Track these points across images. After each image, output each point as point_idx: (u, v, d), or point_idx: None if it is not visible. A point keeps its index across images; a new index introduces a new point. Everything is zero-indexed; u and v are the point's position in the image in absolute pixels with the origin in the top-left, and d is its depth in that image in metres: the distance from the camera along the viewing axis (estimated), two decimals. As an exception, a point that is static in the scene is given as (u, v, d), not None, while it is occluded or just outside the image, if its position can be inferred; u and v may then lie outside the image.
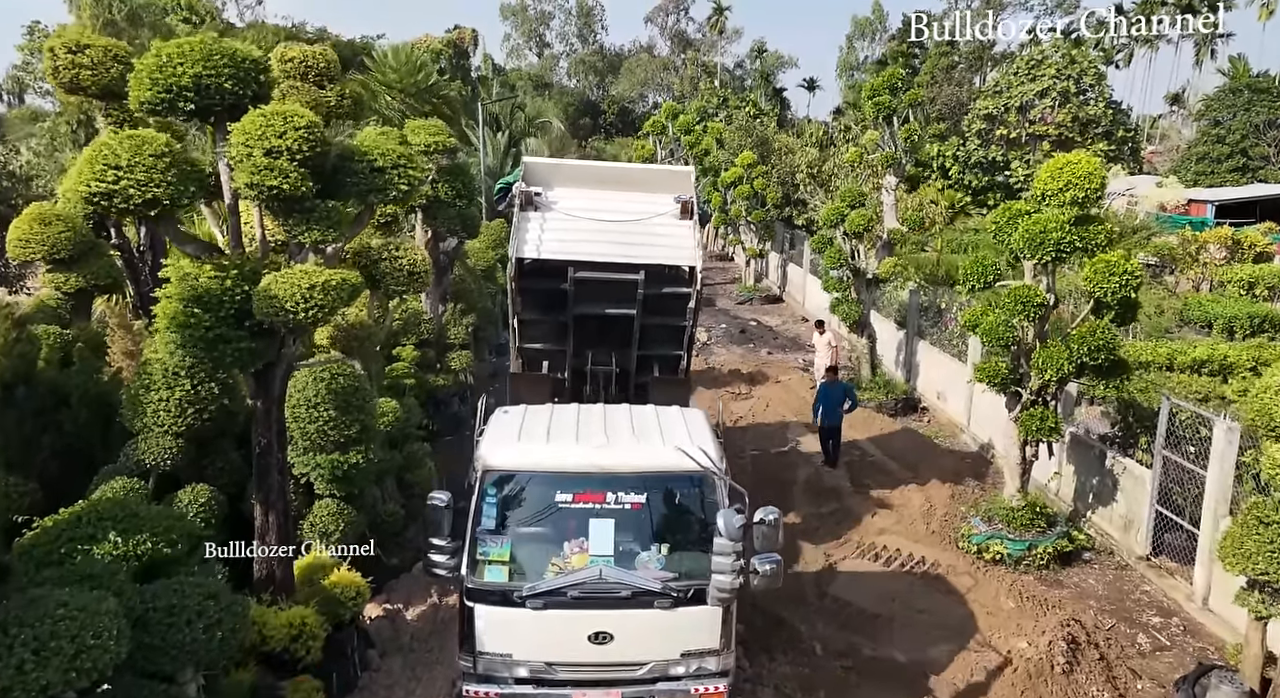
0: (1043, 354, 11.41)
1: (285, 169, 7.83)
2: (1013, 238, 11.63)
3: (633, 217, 10.64)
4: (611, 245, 10.37)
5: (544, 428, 8.03)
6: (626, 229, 10.52)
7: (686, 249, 10.69)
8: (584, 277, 10.37)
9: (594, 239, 10.45)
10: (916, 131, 18.91)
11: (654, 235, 10.63)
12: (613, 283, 10.48)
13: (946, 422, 18.59)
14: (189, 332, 7.81)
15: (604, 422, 8.12)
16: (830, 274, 19.50)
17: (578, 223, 10.53)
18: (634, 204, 10.81)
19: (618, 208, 10.70)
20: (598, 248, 10.35)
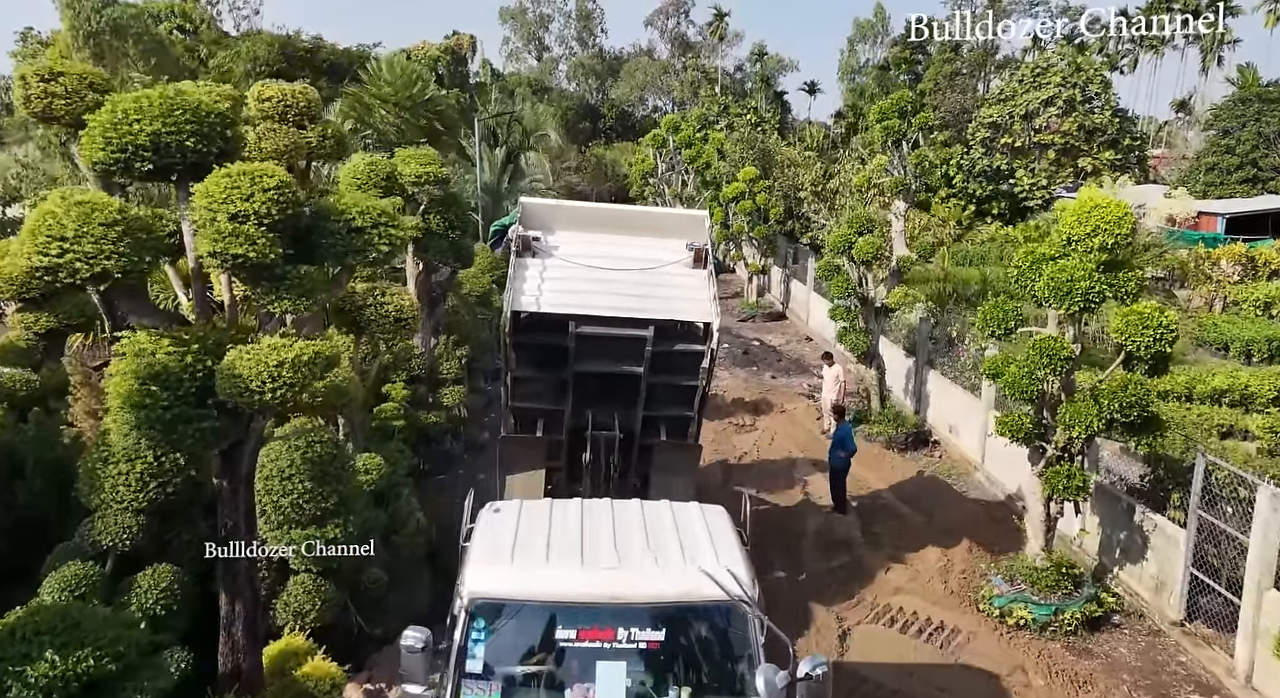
0: (1070, 410, 10.70)
1: (252, 235, 7.12)
2: (1036, 286, 10.91)
3: (641, 265, 9.73)
4: (618, 297, 9.48)
5: (542, 540, 6.95)
6: (634, 280, 9.62)
7: (701, 302, 9.75)
8: (587, 332, 9.47)
9: (598, 290, 9.54)
10: (927, 157, 18.18)
11: (665, 286, 9.73)
12: (618, 339, 9.63)
13: (959, 458, 17.87)
14: (144, 412, 7.10)
15: (613, 532, 7.07)
16: (838, 304, 18.78)
17: (580, 272, 9.63)
18: (642, 251, 9.92)
19: (624, 255, 9.80)
20: (602, 300, 9.45)
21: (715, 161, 35.05)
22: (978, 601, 11.85)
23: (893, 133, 17.91)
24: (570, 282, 9.60)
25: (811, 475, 16.72)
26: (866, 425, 18.83)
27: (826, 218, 31.26)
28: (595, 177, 61.73)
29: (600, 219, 10.56)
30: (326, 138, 10.81)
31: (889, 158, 18.29)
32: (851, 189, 29.18)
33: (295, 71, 45.35)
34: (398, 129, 31.38)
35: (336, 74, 45.60)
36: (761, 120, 59.15)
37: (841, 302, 18.64)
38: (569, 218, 10.27)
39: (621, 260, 9.74)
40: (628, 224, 10.44)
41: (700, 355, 9.96)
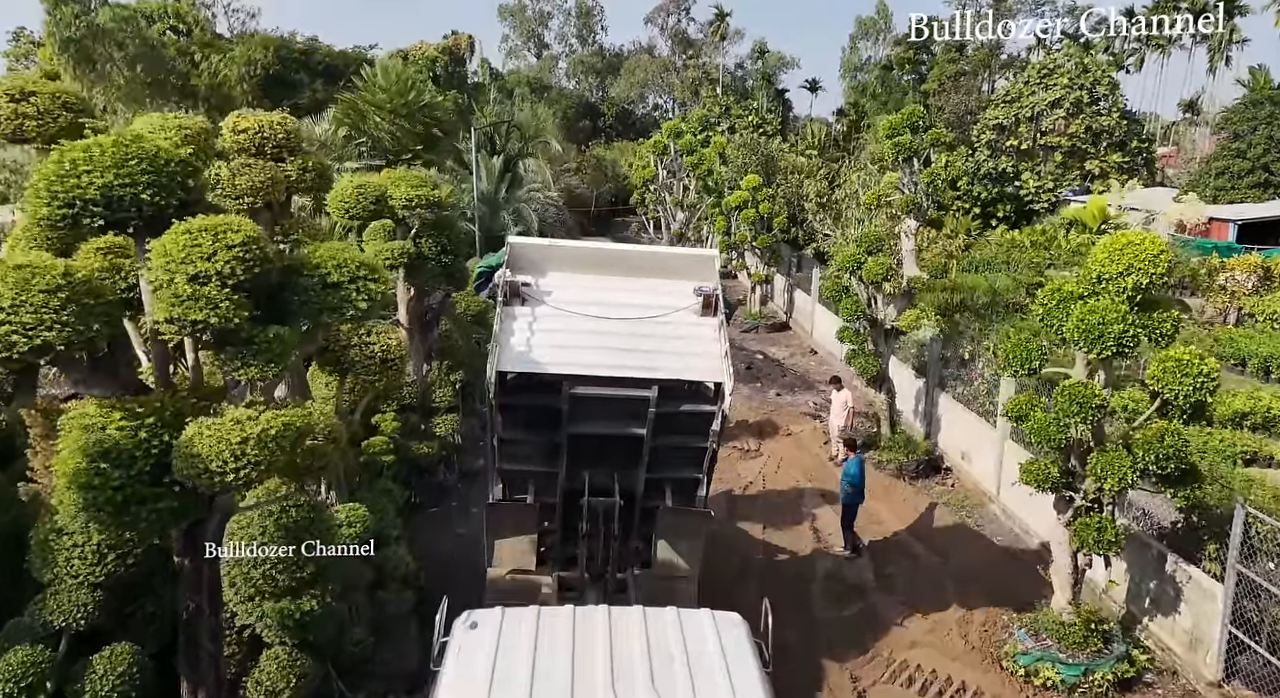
0: (1102, 460, 10.00)
1: (214, 298, 6.44)
2: (1065, 327, 10.20)
3: (643, 313, 8.89)
4: (617, 353, 8.61)
5: (525, 672, 6.08)
6: (636, 331, 8.77)
7: (711, 359, 8.79)
8: (583, 393, 8.62)
9: (595, 345, 8.65)
10: (940, 174, 17.46)
11: (670, 339, 8.82)
12: (618, 399, 8.79)
13: (972, 487, 17.18)
14: (92, 494, 6.43)
15: (609, 661, 6.21)
16: (846, 326, 18.08)
17: (575, 323, 8.75)
18: (645, 295, 9.03)
19: (625, 301, 8.95)
20: (600, 357, 8.57)
21: (717, 167, 34.34)
22: (1000, 657, 11.17)
23: (903, 149, 17.17)
24: (563, 335, 8.72)
25: (820, 509, 16.04)
26: (876, 452, 18.15)
27: (832, 228, 30.48)
28: (595, 178, 61.06)
29: (597, 259, 9.59)
30: (307, 171, 10.06)
31: (900, 175, 17.56)
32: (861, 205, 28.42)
33: (290, 74, 44.71)
34: (393, 136, 30.65)
35: (332, 76, 44.90)
36: (764, 121, 58.31)
37: (850, 324, 17.92)
38: (562, 259, 9.34)
39: (621, 307, 8.89)
40: (628, 265, 9.50)
41: (711, 416, 9.07)
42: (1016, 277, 31.82)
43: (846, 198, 30.28)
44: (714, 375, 8.79)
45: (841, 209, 30.41)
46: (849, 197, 30.27)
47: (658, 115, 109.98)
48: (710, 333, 8.96)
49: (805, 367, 27.22)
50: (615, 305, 8.90)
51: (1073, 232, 38.92)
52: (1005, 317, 27.25)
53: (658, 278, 9.30)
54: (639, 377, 8.58)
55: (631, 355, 8.62)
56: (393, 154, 30.90)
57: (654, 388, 8.57)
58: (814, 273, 29.60)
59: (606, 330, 8.75)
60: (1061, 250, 39.80)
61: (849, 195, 30.34)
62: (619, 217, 62.53)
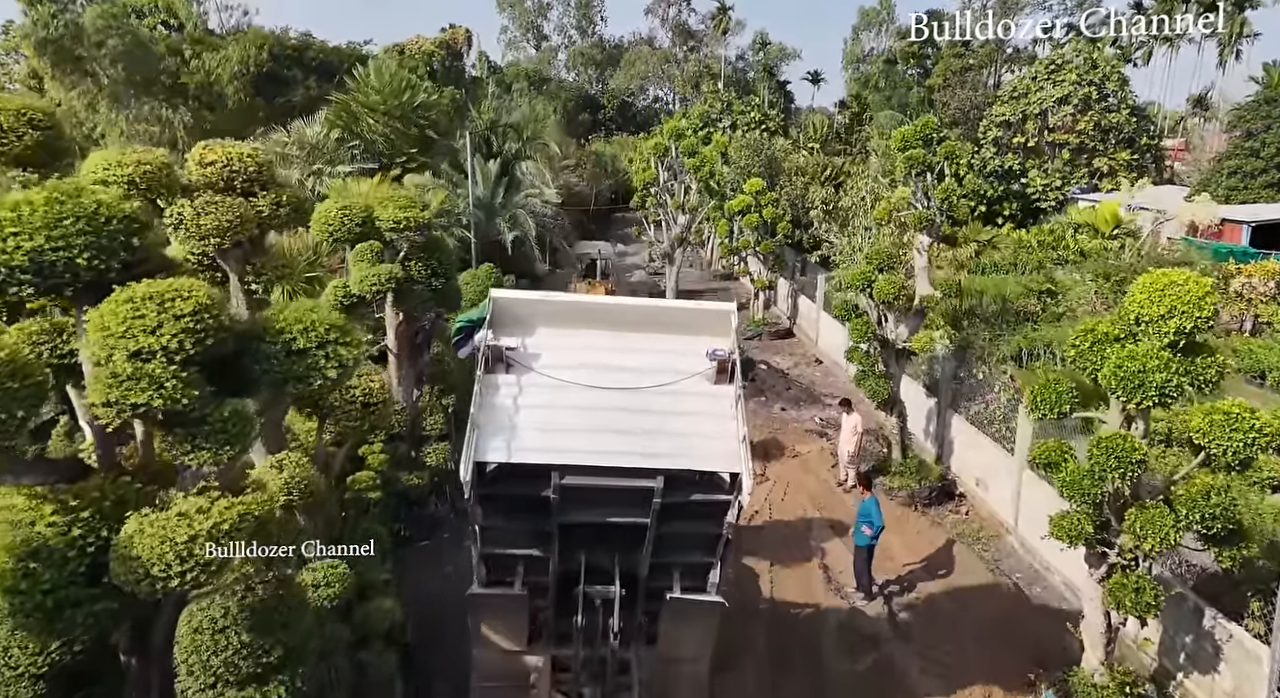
0: (1142, 517, 9.25)
1: (158, 377, 5.69)
2: (1101, 373, 9.43)
3: (647, 379, 7.76)
4: (616, 436, 7.43)
5: None
6: (638, 404, 7.65)
7: (726, 440, 7.53)
8: (575, 484, 7.38)
9: (590, 424, 7.48)
10: (954, 190, 16.63)
11: (678, 414, 7.66)
12: (617, 489, 7.53)
13: (988, 516, 16.43)
14: (21, 598, 5.70)
15: None
16: (856, 346, 17.30)
17: (566, 395, 7.60)
18: (649, 357, 7.92)
19: (625, 364, 7.85)
20: (595, 441, 7.36)
21: (719, 168, 33.48)
22: (1026, 721, 10.45)
23: (917, 163, 16.35)
24: (553, 412, 7.57)
25: (830, 542, 15.32)
26: (887, 478, 17.41)
27: (838, 236, 29.66)
28: (594, 174, 60.09)
29: (594, 315, 8.43)
30: (281, 206, 9.25)
31: (912, 189, 16.74)
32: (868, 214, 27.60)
33: (283, 71, 43.76)
34: (387, 138, 29.80)
35: (327, 73, 43.94)
36: (766, 117, 57.34)
37: (860, 345, 17.14)
38: (553, 315, 8.24)
39: (621, 374, 7.80)
40: (630, 320, 8.38)
41: (725, 505, 7.76)
42: (1025, 282, 30.96)
43: (854, 206, 29.40)
44: (728, 464, 7.50)
45: (848, 217, 29.54)
46: (856, 204, 29.40)
47: (658, 107, 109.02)
48: (725, 406, 7.80)
49: (811, 378, 26.44)
50: (614, 370, 7.82)
51: (1083, 234, 38.01)
52: (1016, 326, 26.48)
53: (665, 335, 8.21)
54: (640, 466, 7.37)
55: (632, 439, 7.47)
56: (387, 157, 30.08)
57: (658, 478, 7.38)
58: (819, 279, 28.80)
59: (603, 405, 7.62)
60: (1070, 251, 38.99)
61: (856, 203, 29.47)
62: (619, 213, 61.68)
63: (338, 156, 29.23)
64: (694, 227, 34.09)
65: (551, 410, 7.57)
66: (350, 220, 13.63)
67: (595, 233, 54.24)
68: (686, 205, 32.33)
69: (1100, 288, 28.86)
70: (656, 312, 8.90)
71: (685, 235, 33.18)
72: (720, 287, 39.74)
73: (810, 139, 60.34)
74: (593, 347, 7.98)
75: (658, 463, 7.32)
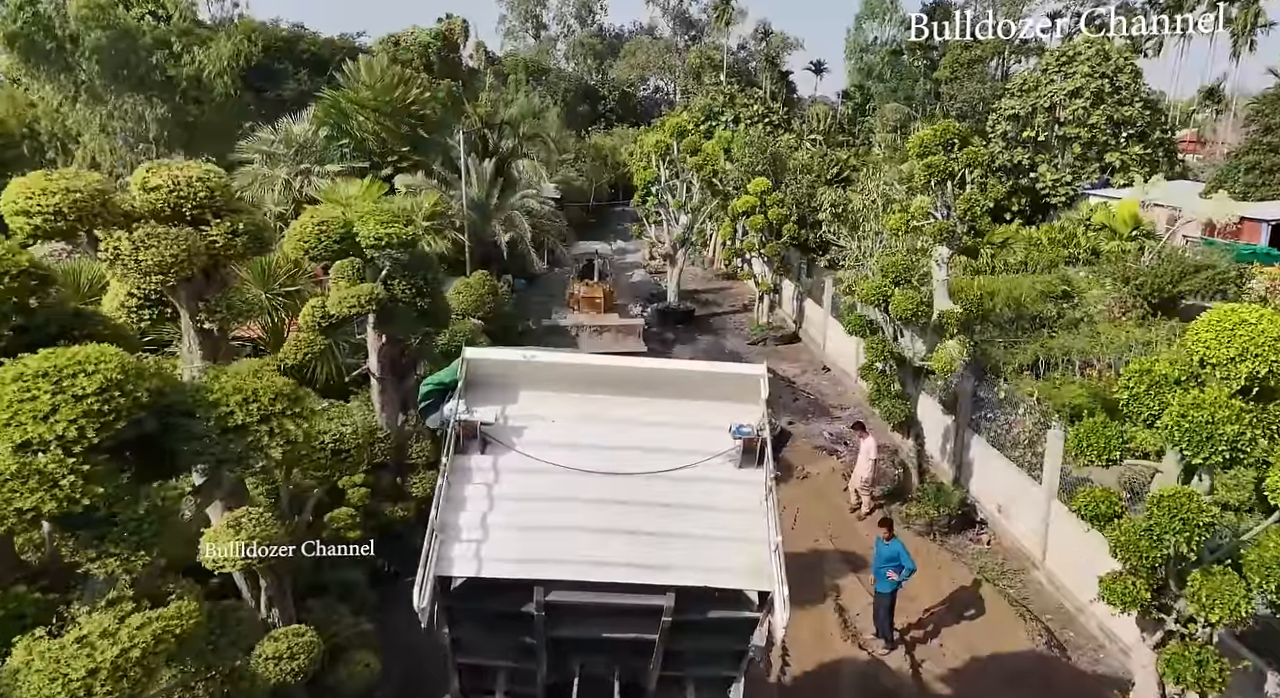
0: (1208, 585, 8.20)
1: (52, 474, 4.64)
2: (1161, 422, 8.38)
3: (656, 460, 6.39)
4: (616, 538, 6.08)
5: None
6: (644, 495, 6.28)
7: (753, 545, 6.13)
8: (564, 601, 6.08)
9: (584, 523, 6.13)
10: (977, 200, 15.54)
11: (693, 509, 6.26)
12: (617, 605, 6.25)
13: (1012, 547, 15.41)
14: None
15: None
16: (870, 364, 16.26)
17: (554, 483, 6.22)
18: (659, 432, 6.57)
19: (628, 440, 6.48)
20: (590, 546, 6.03)
21: (722, 165, 32.37)
22: (1069, 801, 9.45)
23: (937, 171, 15.26)
24: (538, 506, 6.21)
25: (844, 578, 14.32)
26: (904, 505, 16.42)
27: (847, 239, 28.55)
28: (594, 168, 58.89)
29: (591, 378, 6.90)
30: (238, 234, 8.16)
31: (932, 199, 15.66)
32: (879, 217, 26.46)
33: (273, 64, 42.59)
34: (377, 136, 28.65)
35: (318, 66, 42.77)
36: (769, 110, 56.10)
37: (876, 364, 16.09)
38: (540, 377, 6.80)
39: (623, 454, 6.37)
40: (635, 384, 6.88)
41: (752, 623, 6.38)
42: (1039, 284, 29.88)
43: (865, 208, 28.27)
44: (755, 580, 6.05)
45: (858, 220, 28.42)
46: (867, 207, 28.27)
47: (659, 99, 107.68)
48: (753, 498, 6.38)
49: (819, 387, 25.39)
50: (615, 450, 6.47)
51: (1100, 233, 36.92)
52: (1032, 333, 25.43)
53: (679, 404, 6.79)
54: (645, 582, 5.99)
55: (636, 544, 6.10)
56: (378, 156, 28.96)
57: (668, 594, 6.04)
58: (827, 283, 27.70)
59: (601, 496, 6.27)
60: (1082, 249, 37.91)
61: (867, 207, 28.34)
62: (619, 207, 60.52)
63: (326, 155, 28.12)
64: (696, 226, 33.04)
65: (536, 504, 6.26)
66: (328, 237, 12.56)
67: (595, 228, 53.14)
68: (689, 205, 31.28)
69: (1119, 291, 27.80)
70: (669, 374, 7.33)
71: (687, 235, 32.12)
72: (722, 287, 38.68)
73: (813, 131, 59.23)
74: (589, 417, 6.66)
75: (667, 578, 5.98)
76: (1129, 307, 27.28)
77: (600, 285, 29.81)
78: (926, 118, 56.94)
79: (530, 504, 6.25)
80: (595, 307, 29.19)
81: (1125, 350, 23.44)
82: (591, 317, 28.86)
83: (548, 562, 5.96)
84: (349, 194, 23.77)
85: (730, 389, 6.86)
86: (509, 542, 6.04)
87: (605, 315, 29.09)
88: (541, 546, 6.04)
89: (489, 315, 22.13)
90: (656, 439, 6.55)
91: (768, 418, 6.65)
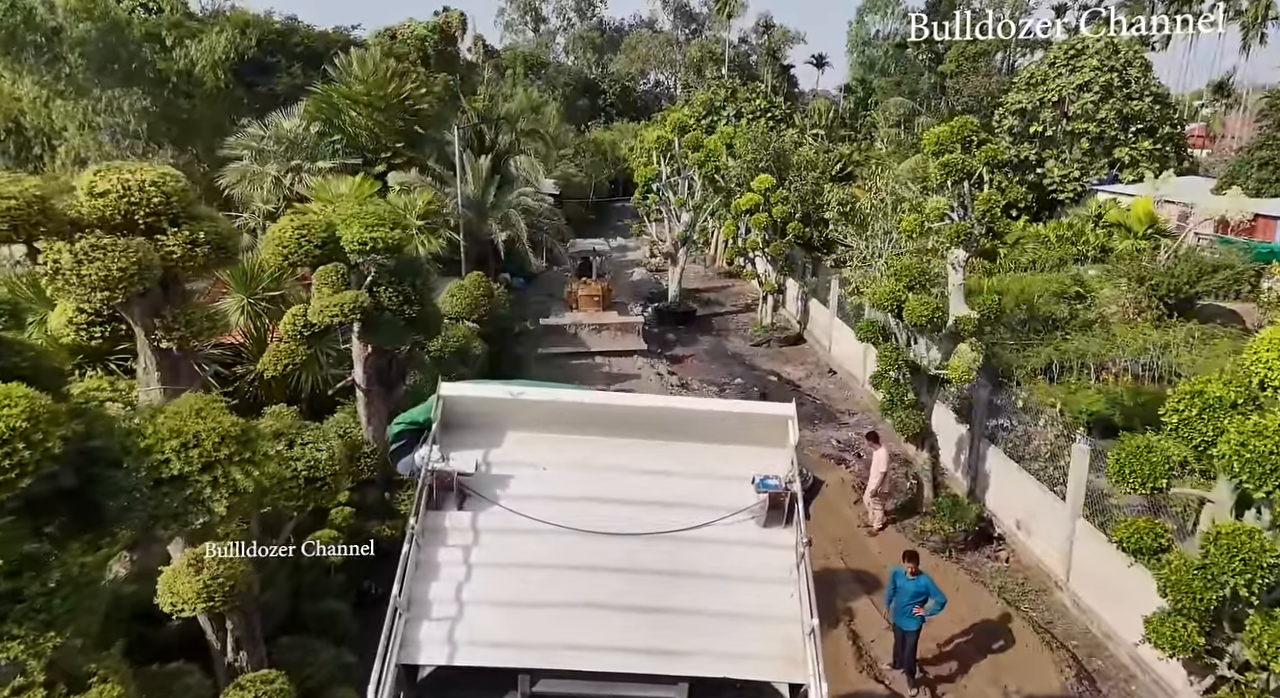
0: (1269, 631, 7.44)
1: (-62, 545, 3.84)
2: (1218, 450, 7.61)
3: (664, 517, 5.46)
4: (617, 616, 5.14)
5: None
6: (650, 560, 5.34)
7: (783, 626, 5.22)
8: (554, 693, 5.13)
9: (579, 597, 5.21)
10: (996, 200, 14.73)
11: (711, 581, 5.33)
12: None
13: (1033, 566, 14.65)
14: None
15: None
16: (882, 373, 15.47)
17: (544, 547, 5.30)
18: (667, 482, 5.68)
19: (631, 493, 5.60)
20: (586, 626, 5.10)
21: (725, 161, 31.55)
22: None
23: (954, 170, 14.45)
24: (525, 575, 5.27)
25: (857, 601, 13.57)
26: (919, 520, 15.69)
27: (854, 238, 27.75)
28: (594, 163, 58.01)
29: (587, 417, 5.99)
30: (199, 244, 7.35)
31: (949, 199, 14.85)
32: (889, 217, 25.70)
33: (266, 58, 41.68)
34: (370, 132, 27.80)
35: (312, 60, 41.84)
36: (772, 105, 55.22)
37: (890, 373, 15.30)
38: (528, 417, 5.88)
39: (626, 510, 5.47)
40: (640, 426, 5.94)
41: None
42: (1051, 283, 29.09)
43: (874, 207, 27.44)
44: (785, 670, 5.08)
45: (867, 220, 27.60)
46: (876, 207, 27.45)
47: (659, 93, 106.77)
48: (781, 566, 5.41)
49: (825, 391, 24.61)
50: (616, 504, 5.54)
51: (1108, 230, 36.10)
52: (1044, 335, 24.65)
53: (691, 449, 5.85)
54: (652, 673, 5.02)
55: (640, 622, 5.14)
56: (371, 152, 28.12)
57: (680, 686, 5.07)
58: (833, 283, 26.89)
59: (599, 562, 5.33)
60: (1090, 246, 37.10)
61: (875, 206, 27.51)
62: (619, 203, 59.70)
63: (318, 151, 27.28)
64: (698, 224, 32.25)
65: (522, 573, 5.33)
66: (309, 241, 11.77)
67: (595, 225, 52.31)
68: (691, 203, 30.48)
69: (1134, 291, 27.01)
70: (680, 414, 6.36)
71: (689, 233, 31.33)
72: (724, 286, 37.90)
73: (815, 125, 58.35)
74: (586, 465, 5.75)
75: (679, 666, 5.03)
76: (1143, 307, 26.50)
77: (598, 283, 29.05)
78: (931, 112, 56.08)
79: (515, 573, 5.34)
80: (594, 305, 28.44)
81: (1141, 353, 22.70)
82: (590, 315, 28.10)
83: (535, 647, 5.05)
84: (340, 192, 22.96)
85: (753, 432, 5.94)
86: (489, 621, 5.13)
87: (604, 314, 28.34)
88: (528, 625, 5.13)
89: (484, 318, 21.33)
90: (666, 492, 5.65)
91: (798, 466, 5.74)
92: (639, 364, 25.93)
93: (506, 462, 5.76)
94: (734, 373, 26.08)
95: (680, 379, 24.89)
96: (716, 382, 25.09)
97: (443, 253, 24.99)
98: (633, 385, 23.78)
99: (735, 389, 24.40)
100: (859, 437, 20.72)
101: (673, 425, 6.02)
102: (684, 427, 6.01)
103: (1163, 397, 17.99)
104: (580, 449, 5.84)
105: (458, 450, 5.69)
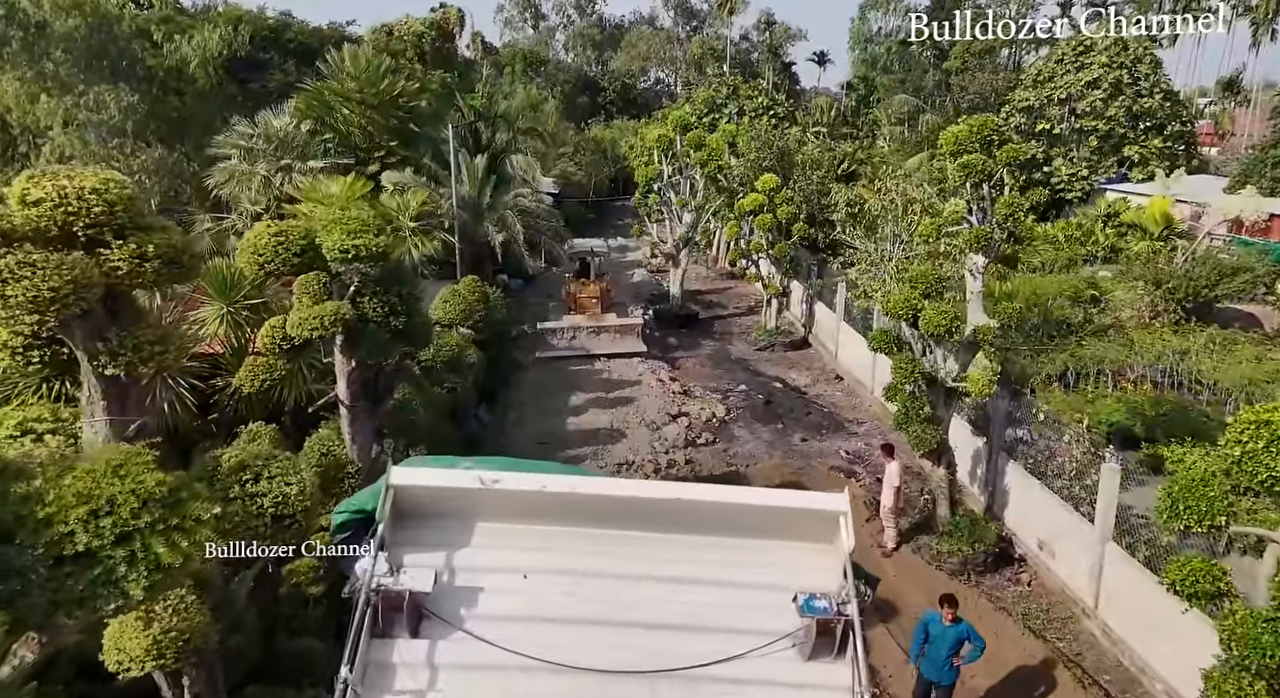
0: (1346, 696, 6.63)
1: None
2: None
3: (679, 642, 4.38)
4: None
5: None
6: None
7: None
8: None
9: None
10: (1018, 203, 13.91)
11: None
12: None
13: (1057, 591, 13.83)
14: None
15: None
16: (897, 386, 14.64)
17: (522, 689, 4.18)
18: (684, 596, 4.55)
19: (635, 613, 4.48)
20: None
21: (727, 160, 30.72)
22: None
23: (974, 172, 13.62)
24: None
25: (872, 630, 12.65)
26: (935, 540, 14.87)
27: (863, 241, 26.92)
28: (593, 161, 57.17)
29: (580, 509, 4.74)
30: (148, 259, 6.50)
31: (969, 202, 14.03)
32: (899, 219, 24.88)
33: (258, 54, 40.82)
34: (363, 130, 26.97)
35: (306, 56, 40.99)
36: (774, 102, 54.38)
37: (905, 386, 14.48)
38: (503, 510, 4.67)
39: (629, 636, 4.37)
40: (645, 518, 4.75)
41: None
42: (1064, 285, 28.25)
43: (884, 209, 26.59)
44: None
45: (875, 221, 26.76)
46: (885, 208, 26.60)
47: (660, 90, 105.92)
48: None
49: (832, 398, 23.78)
50: (616, 627, 4.39)
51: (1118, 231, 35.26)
52: (1059, 340, 23.83)
53: (713, 551, 4.67)
54: None
55: None
56: (363, 151, 27.29)
57: None
58: (839, 286, 26.06)
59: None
60: (1100, 247, 36.27)
61: (885, 208, 26.66)
62: (619, 202, 58.86)
63: (309, 150, 26.44)
64: (700, 225, 31.44)
65: None
66: (287, 249, 10.95)
67: (594, 224, 51.48)
68: (693, 203, 29.67)
69: (1150, 294, 26.18)
70: (698, 506, 4.86)
71: (691, 234, 30.52)
72: (727, 287, 37.09)
73: (817, 123, 57.50)
74: (579, 573, 4.54)
75: None
76: (1160, 311, 25.68)
77: (596, 284, 28.24)
78: (936, 109, 55.24)
79: None
80: (592, 306, 27.62)
81: (1160, 359, 21.89)
82: (589, 317, 27.29)
83: None
84: (331, 192, 22.13)
85: (793, 530, 4.75)
86: None
87: (603, 316, 27.52)
88: None
89: (479, 323, 20.55)
90: (681, 610, 4.50)
91: (852, 579, 4.49)
92: (639, 368, 25.13)
93: (474, 567, 4.54)
94: (737, 378, 25.26)
95: (682, 386, 24.08)
96: (719, 387, 24.28)
97: (437, 255, 24.22)
98: (633, 392, 22.97)
99: (741, 396, 23.58)
100: (868, 447, 19.93)
101: (690, 520, 4.81)
102: (704, 522, 4.81)
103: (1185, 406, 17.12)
104: (571, 551, 4.65)
105: (412, 555, 4.51)
